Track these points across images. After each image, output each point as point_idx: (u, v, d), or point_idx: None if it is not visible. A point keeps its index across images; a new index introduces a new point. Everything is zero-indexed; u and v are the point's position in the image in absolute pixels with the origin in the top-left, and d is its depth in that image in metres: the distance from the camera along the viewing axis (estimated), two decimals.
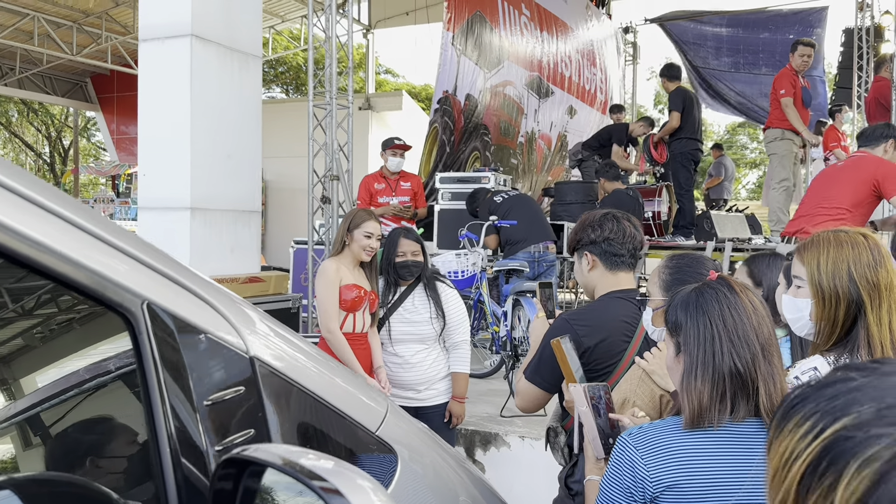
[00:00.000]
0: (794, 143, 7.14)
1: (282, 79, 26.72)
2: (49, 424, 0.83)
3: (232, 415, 0.91)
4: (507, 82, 10.77)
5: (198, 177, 5.80)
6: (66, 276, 0.73)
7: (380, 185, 6.64)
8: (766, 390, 1.48)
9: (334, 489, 0.63)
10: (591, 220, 2.49)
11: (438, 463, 1.46)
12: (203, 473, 0.83)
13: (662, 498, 1.47)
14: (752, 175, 33.26)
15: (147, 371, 0.79)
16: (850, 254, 1.76)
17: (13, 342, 0.82)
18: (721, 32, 15.19)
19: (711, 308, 1.54)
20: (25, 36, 15.83)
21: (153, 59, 5.95)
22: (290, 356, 1.04)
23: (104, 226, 0.80)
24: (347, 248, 3.67)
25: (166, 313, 0.83)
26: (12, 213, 0.67)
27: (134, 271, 0.81)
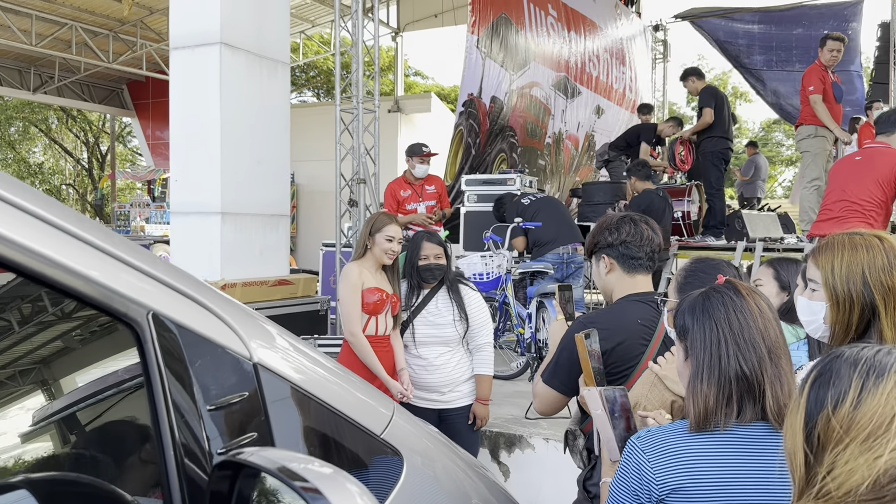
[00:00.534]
0: (827, 140, 7.02)
1: (313, 83, 26.97)
2: (65, 430, 0.88)
3: (236, 419, 0.95)
4: (534, 83, 10.76)
5: (228, 182, 5.91)
6: (75, 288, 0.77)
7: (406, 193, 6.62)
8: (772, 393, 1.49)
9: (314, 488, 0.66)
10: (609, 223, 2.49)
11: (448, 466, 1.49)
12: (206, 476, 0.87)
13: (668, 500, 1.48)
14: (788, 173, 32.68)
15: (153, 379, 0.84)
16: (864, 257, 1.75)
17: (33, 354, 0.87)
18: (753, 29, 14.95)
19: (717, 312, 1.55)
20: (64, 45, 16.22)
21: (184, 66, 6.08)
22: (293, 362, 1.08)
23: (110, 239, 0.84)
24: (369, 252, 3.71)
25: (172, 323, 0.87)
26: (20, 229, 0.72)
27: (140, 283, 0.85)
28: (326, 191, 13.75)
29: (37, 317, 0.85)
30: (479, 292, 3.83)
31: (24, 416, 0.86)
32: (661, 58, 16.67)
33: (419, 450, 1.35)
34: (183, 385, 0.87)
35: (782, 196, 29.18)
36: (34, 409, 0.87)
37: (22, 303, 0.80)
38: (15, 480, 0.83)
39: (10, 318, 0.83)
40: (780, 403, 1.48)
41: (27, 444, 0.84)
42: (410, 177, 6.73)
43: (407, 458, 1.26)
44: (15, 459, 0.83)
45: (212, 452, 0.89)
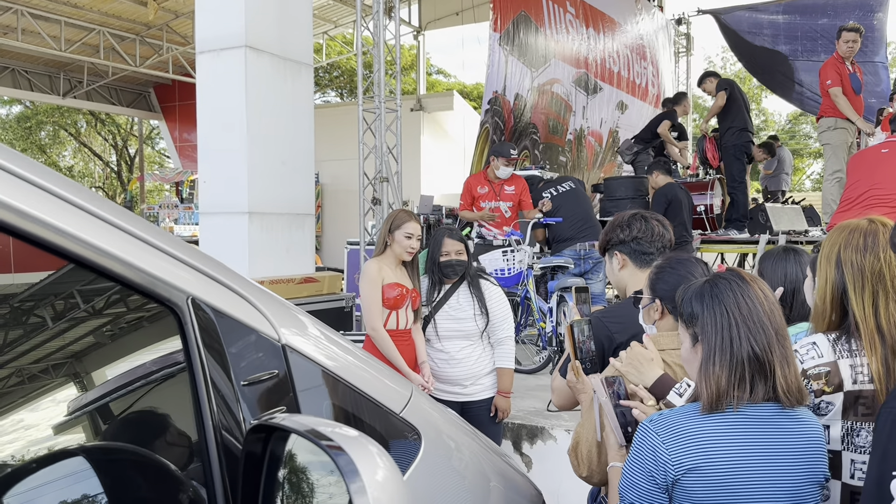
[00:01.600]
0: (848, 132, 6.99)
1: (336, 83, 27.19)
2: (116, 405, 0.98)
3: (266, 395, 1.04)
4: (555, 80, 10.81)
5: (255, 182, 6.05)
6: (123, 275, 0.87)
7: (483, 189, 6.49)
8: (782, 373, 1.56)
9: (337, 446, 0.75)
10: (620, 220, 2.58)
11: (466, 445, 1.57)
12: (240, 444, 0.96)
13: (684, 480, 1.53)
14: (816, 165, 32.27)
15: (193, 357, 0.93)
16: (843, 237, 1.83)
17: (84, 339, 0.97)
18: (778, 20, 14.80)
19: (726, 297, 1.62)
20: (92, 50, 16.57)
21: (210, 70, 6.22)
22: (318, 344, 1.18)
23: (152, 230, 0.95)
24: (389, 249, 3.78)
25: (208, 307, 0.97)
26: (76, 224, 0.82)
27: (179, 270, 0.95)
28: (350, 189, 13.89)
29: (86, 305, 0.96)
30: (499, 287, 3.90)
31: (80, 394, 0.96)
32: (684, 51, 16.58)
33: (438, 428, 1.44)
34: (219, 363, 0.97)
35: (811, 189, 28.80)
36: (87, 390, 0.97)
37: (71, 294, 0.90)
38: (72, 448, 0.93)
39: (61, 308, 0.93)
40: (788, 382, 1.55)
41: (82, 418, 0.95)
42: (492, 174, 6.64)
43: (425, 435, 1.35)
44: (73, 431, 0.93)
45: (246, 423, 0.99)
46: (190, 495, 0.95)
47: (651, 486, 1.56)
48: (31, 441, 0.92)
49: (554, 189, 6.60)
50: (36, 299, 0.89)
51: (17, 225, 0.74)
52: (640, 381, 1.92)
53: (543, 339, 5.65)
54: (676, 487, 1.54)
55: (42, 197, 0.80)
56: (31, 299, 0.88)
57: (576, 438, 2.16)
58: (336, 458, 0.75)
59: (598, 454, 2.06)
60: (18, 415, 0.89)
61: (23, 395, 0.87)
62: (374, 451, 0.77)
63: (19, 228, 0.75)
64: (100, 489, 0.92)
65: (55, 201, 0.82)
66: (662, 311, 2.13)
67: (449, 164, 16.49)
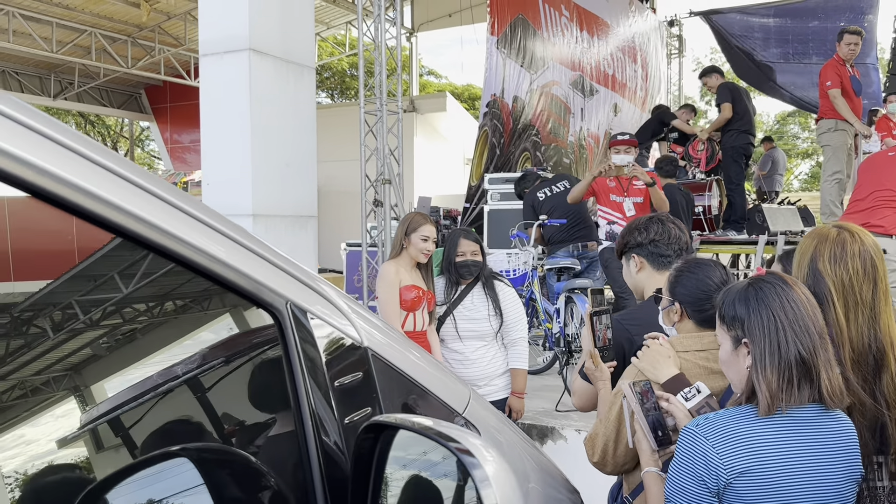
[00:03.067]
0: (847, 134, 7.07)
1: (326, 84, 27.18)
2: (216, 404, 1.01)
3: (354, 396, 1.08)
4: (553, 82, 10.88)
5: (258, 185, 6.06)
6: (232, 281, 0.91)
7: (611, 183, 5.89)
8: (826, 375, 1.58)
9: (466, 450, 0.78)
10: (637, 224, 2.62)
11: (515, 442, 1.61)
12: (336, 442, 1.00)
13: (735, 483, 1.55)
14: (803, 165, 32.56)
15: (292, 359, 0.96)
16: (817, 247, 1.89)
17: (182, 340, 1.00)
18: (768, 23, 14.94)
19: (772, 300, 1.63)
20: (83, 51, 16.49)
21: (213, 73, 6.23)
22: (393, 347, 1.21)
23: (252, 238, 0.98)
24: (405, 251, 3.83)
25: (304, 311, 1.00)
26: (197, 237, 0.86)
27: (279, 277, 0.98)
28: (344, 191, 13.91)
29: (187, 309, 0.99)
30: (513, 288, 3.94)
31: (178, 393, 0.99)
32: (676, 53, 16.71)
33: (491, 427, 1.48)
34: (315, 365, 1.00)
35: (799, 189, 29.05)
36: (186, 387, 1.00)
37: (167, 295, 0.93)
38: (175, 449, 0.96)
39: (163, 307, 0.96)
40: (832, 384, 1.58)
41: (185, 417, 0.98)
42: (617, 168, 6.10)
43: (484, 434, 1.38)
44: (175, 432, 0.96)
45: (339, 420, 1.02)
46: (288, 494, 0.98)
47: (701, 491, 1.57)
48: (141, 443, 0.95)
49: (548, 189, 6.59)
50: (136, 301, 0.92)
51: (152, 238, 0.78)
52: (655, 377, 1.96)
53: (550, 340, 5.69)
54: (728, 491, 1.56)
55: (161, 207, 0.84)
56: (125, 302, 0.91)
57: (595, 430, 2.20)
58: (466, 462, 0.78)
59: (614, 448, 2.10)
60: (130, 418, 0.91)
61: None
62: (497, 458, 0.80)
63: (152, 241, 0.79)
64: (204, 489, 0.95)
65: (174, 212, 0.85)
66: (682, 313, 2.16)
67: (442, 166, 16.53)
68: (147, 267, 0.84)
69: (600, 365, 2.28)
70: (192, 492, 0.95)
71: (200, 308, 0.97)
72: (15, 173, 0.68)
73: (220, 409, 0.99)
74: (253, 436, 1.00)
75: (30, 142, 0.71)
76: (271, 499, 0.96)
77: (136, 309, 0.89)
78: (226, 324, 1.01)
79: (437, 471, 0.91)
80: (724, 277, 2.17)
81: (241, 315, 1.00)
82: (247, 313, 0.99)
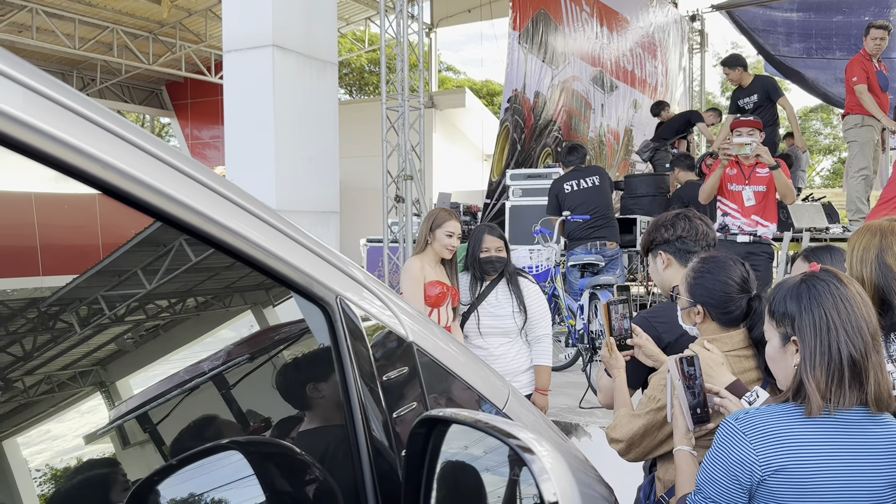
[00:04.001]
0: (874, 129, 6.99)
1: (345, 80, 27.23)
2: (268, 397, 1.02)
3: (401, 390, 1.08)
4: (574, 77, 10.84)
5: (282, 180, 6.10)
6: (286, 275, 0.91)
7: (731, 171, 5.38)
8: (875, 378, 1.54)
9: (527, 447, 0.78)
10: (664, 220, 2.59)
11: (553, 439, 1.61)
12: (386, 436, 1.00)
13: (769, 481, 1.53)
14: (825, 161, 32.20)
15: (342, 353, 0.97)
16: (880, 242, 1.86)
17: (218, 333, 1.01)
18: (792, 17, 14.76)
19: (825, 299, 1.58)
20: (105, 48, 16.64)
21: (237, 69, 6.27)
22: (435, 343, 1.21)
23: (302, 234, 0.99)
24: (430, 247, 3.83)
25: (353, 305, 1.01)
26: (256, 232, 0.87)
27: (328, 272, 0.99)
28: (364, 187, 13.93)
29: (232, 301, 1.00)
30: (537, 284, 3.93)
31: (234, 387, 1.00)
32: (697, 48, 16.57)
33: (530, 423, 1.48)
34: (363, 359, 1.01)
35: (821, 185, 28.74)
36: (238, 380, 1.00)
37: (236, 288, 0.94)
38: (225, 442, 0.97)
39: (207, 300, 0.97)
40: (880, 388, 1.54)
41: (235, 411, 0.98)
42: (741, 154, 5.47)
43: None
44: (227, 425, 0.97)
45: (388, 414, 1.02)
46: (337, 487, 0.98)
47: (733, 485, 1.55)
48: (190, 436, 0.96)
49: (576, 182, 6.47)
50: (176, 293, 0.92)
51: (211, 232, 0.79)
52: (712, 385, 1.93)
53: (574, 337, 5.67)
54: (761, 488, 1.54)
55: (217, 200, 0.85)
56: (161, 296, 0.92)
57: (615, 421, 2.20)
58: (524, 456, 0.78)
59: (642, 436, 2.09)
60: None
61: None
62: (553, 452, 0.80)
63: (211, 236, 0.80)
64: (254, 481, 0.96)
65: (230, 206, 0.86)
66: (705, 314, 2.14)
67: (461, 162, 16.51)
68: (183, 259, 0.85)
69: (616, 353, 2.29)
70: (243, 483, 0.96)
71: (245, 302, 0.98)
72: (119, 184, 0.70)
73: (268, 403, 0.99)
74: (301, 429, 1.00)
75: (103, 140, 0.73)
76: (320, 491, 0.97)
77: (164, 304, 0.90)
78: (270, 318, 1.02)
79: (481, 464, 0.92)
80: (745, 275, 2.15)
81: (282, 309, 1.01)
82: (282, 308, 1.00)
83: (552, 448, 0.79)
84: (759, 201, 5.29)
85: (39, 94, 0.70)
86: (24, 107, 0.67)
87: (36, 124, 0.67)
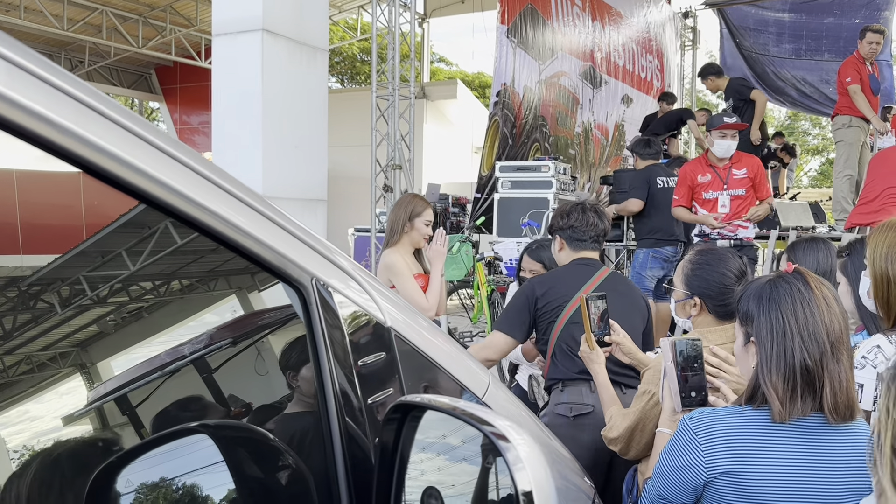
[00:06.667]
0: (862, 130, 7.02)
1: (337, 69, 27.09)
2: (236, 379, 0.99)
3: (377, 376, 1.06)
4: (562, 73, 10.81)
5: (269, 167, 6.05)
6: (259, 255, 0.89)
7: (704, 178, 5.09)
8: (831, 388, 1.48)
9: (502, 435, 0.76)
10: (563, 209, 2.97)
11: (533, 430, 1.59)
12: (360, 422, 0.98)
13: (716, 482, 1.50)
14: (813, 162, 32.38)
15: (316, 336, 0.95)
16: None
17: (191, 313, 0.99)
18: (783, 18, 14.81)
19: (784, 302, 1.53)
20: (94, 30, 16.44)
21: (226, 53, 6.21)
22: (414, 329, 1.19)
23: (277, 212, 0.96)
24: (406, 236, 3.69)
25: (329, 288, 0.99)
26: (225, 206, 0.84)
27: (304, 252, 0.96)
28: (351, 176, 13.87)
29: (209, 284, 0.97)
30: None
31: (201, 371, 0.98)
32: (689, 45, 16.59)
33: (511, 414, 1.46)
34: (339, 343, 0.99)
35: (808, 185, 28.90)
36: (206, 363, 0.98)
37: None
38: (194, 426, 0.95)
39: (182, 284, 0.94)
40: (836, 399, 1.48)
41: (207, 395, 0.96)
42: (712, 157, 5.19)
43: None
44: (199, 408, 0.94)
45: (363, 400, 1.00)
46: (308, 473, 0.96)
47: (679, 483, 1.54)
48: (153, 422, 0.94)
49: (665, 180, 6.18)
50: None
51: (172, 203, 0.77)
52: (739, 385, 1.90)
53: None
54: (708, 489, 1.52)
55: (186, 174, 0.82)
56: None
57: (610, 422, 2.20)
58: (498, 444, 0.76)
59: (641, 431, 2.10)
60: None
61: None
62: (530, 441, 0.78)
63: (172, 206, 0.77)
64: (223, 467, 0.93)
65: (199, 180, 0.83)
66: (702, 307, 2.14)
67: (452, 153, 16.48)
68: (162, 242, 0.83)
69: (596, 349, 2.31)
70: (212, 469, 0.94)
71: (217, 285, 0.95)
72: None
73: (240, 387, 0.97)
74: (274, 414, 0.98)
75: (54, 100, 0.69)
76: (291, 477, 0.95)
77: (145, 286, 0.88)
78: (245, 300, 1.00)
79: (457, 453, 0.90)
80: (743, 267, 2.16)
81: (259, 292, 0.99)
82: (263, 292, 0.98)
83: (529, 438, 0.77)
84: (736, 208, 5.06)
85: (19, 68, 0.67)
86: (5, 81, 0.65)
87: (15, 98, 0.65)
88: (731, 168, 5.03)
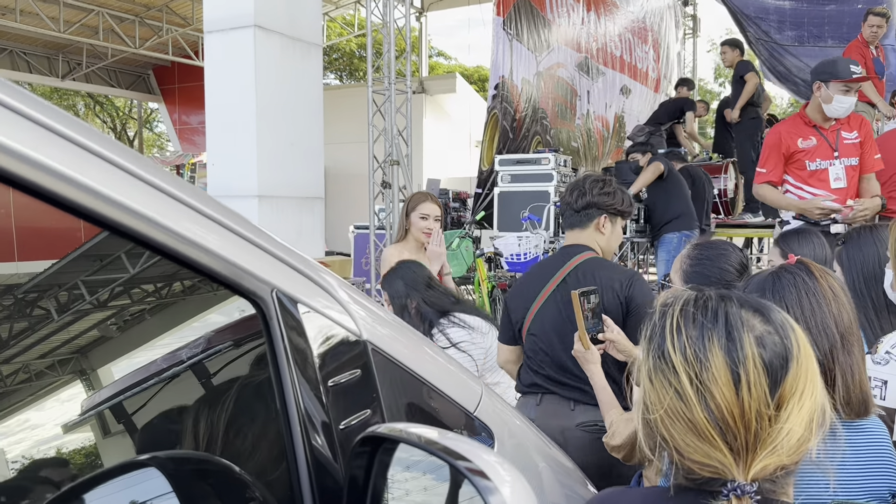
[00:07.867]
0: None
1: (335, 65, 26.94)
2: (194, 406, 0.89)
3: (351, 396, 0.95)
4: (559, 64, 10.69)
5: (264, 165, 5.95)
6: (208, 266, 0.78)
7: (807, 142, 3.82)
8: (843, 382, 1.40)
9: (479, 470, 0.65)
10: (568, 185, 2.82)
11: (531, 441, 1.49)
12: (331, 450, 0.88)
13: None
14: None
15: (278, 354, 0.84)
16: None
17: (147, 329, 0.88)
18: (784, 5, 14.65)
19: (788, 293, 1.46)
20: (91, 31, 16.34)
21: (218, 50, 6.10)
22: (395, 340, 1.08)
23: (233, 217, 0.85)
24: (409, 234, 3.62)
25: (292, 300, 0.88)
26: (168, 214, 0.73)
27: (263, 262, 0.86)
28: (352, 173, 13.75)
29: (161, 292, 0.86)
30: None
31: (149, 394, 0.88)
32: (690, 33, 16.44)
33: (507, 426, 1.36)
34: (305, 361, 0.88)
35: None
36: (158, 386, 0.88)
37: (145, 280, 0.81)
38: (143, 458, 0.84)
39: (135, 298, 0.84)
40: (850, 393, 1.39)
41: (158, 424, 0.86)
42: (816, 115, 3.86)
43: (497, 435, 1.26)
44: (150, 439, 0.84)
45: (334, 425, 0.90)
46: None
47: None
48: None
49: None
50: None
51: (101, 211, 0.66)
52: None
53: None
54: None
55: (112, 171, 0.71)
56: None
57: (612, 429, 2.10)
58: (478, 484, 0.66)
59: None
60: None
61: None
62: (515, 476, 0.68)
63: (101, 215, 0.66)
64: (175, 502, 0.83)
65: (135, 183, 0.72)
66: None
67: (451, 148, 16.35)
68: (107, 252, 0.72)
69: (590, 347, 2.18)
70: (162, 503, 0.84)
71: (178, 298, 0.85)
72: None
73: (198, 413, 0.87)
74: (235, 442, 0.88)
75: None
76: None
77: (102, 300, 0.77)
78: (207, 315, 0.89)
79: (438, 490, 0.79)
80: (744, 261, 2.09)
81: (223, 306, 0.88)
82: (228, 304, 0.87)
83: (514, 473, 0.67)
84: (852, 178, 3.80)
85: None
86: None
87: None
88: (840, 130, 3.80)
